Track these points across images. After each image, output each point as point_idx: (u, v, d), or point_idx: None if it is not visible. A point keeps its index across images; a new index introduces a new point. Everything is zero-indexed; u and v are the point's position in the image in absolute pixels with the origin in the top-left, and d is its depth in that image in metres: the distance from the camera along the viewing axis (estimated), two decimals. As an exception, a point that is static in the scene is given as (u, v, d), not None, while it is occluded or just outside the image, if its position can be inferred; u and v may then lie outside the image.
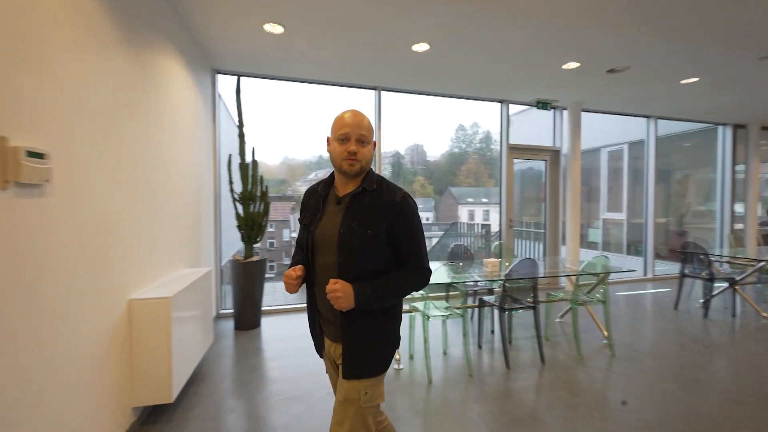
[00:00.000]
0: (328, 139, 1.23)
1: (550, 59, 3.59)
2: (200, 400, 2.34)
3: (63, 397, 1.42)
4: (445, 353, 3.08)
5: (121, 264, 1.88)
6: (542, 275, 3.11)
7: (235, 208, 3.70)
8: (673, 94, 4.72)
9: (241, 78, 3.87)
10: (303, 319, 3.95)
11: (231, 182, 3.69)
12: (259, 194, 3.75)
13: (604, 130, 7.83)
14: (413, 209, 1.21)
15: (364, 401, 1.17)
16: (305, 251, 1.25)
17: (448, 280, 2.89)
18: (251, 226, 3.68)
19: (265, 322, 3.86)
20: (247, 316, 3.63)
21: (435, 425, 2.10)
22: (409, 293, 1.22)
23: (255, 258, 3.68)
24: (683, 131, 7.06)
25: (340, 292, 1.09)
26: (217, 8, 2.68)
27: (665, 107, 5.43)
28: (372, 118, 4.51)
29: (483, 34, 3.05)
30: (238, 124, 3.69)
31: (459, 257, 3.87)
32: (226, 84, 4.16)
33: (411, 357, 3.00)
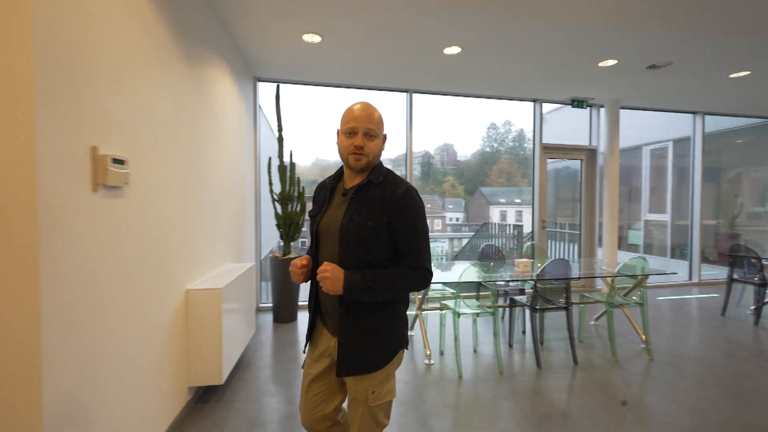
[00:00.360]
0: (338, 132, 1.21)
1: (585, 57, 3.53)
2: (245, 384, 2.54)
3: (132, 374, 1.64)
4: (475, 351, 3.13)
5: (179, 257, 2.10)
6: (575, 276, 3.08)
7: (275, 208, 3.92)
8: (721, 88, 4.47)
9: (280, 85, 4.09)
10: (336, 315, 4.12)
11: (270, 183, 3.92)
12: (296, 195, 3.95)
13: (646, 128, 7.48)
14: (416, 204, 1.16)
15: (372, 400, 1.15)
16: (311, 243, 1.26)
17: (478, 280, 2.94)
18: (289, 225, 3.89)
19: (302, 316, 4.06)
20: (285, 309, 3.85)
21: (466, 418, 2.17)
22: (404, 292, 1.18)
23: (292, 255, 3.89)
24: (736, 127, 6.62)
25: (328, 273, 1.07)
26: (260, 21, 2.89)
27: (713, 102, 5.14)
28: (403, 121, 4.61)
29: (515, 35, 3.07)
30: (277, 128, 3.91)
31: (490, 258, 3.89)
32: (265, 91, 4.42)
33: (441, 353, 3.08)
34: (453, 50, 3.38)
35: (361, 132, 1.14)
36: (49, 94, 1.14)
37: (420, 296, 3.29)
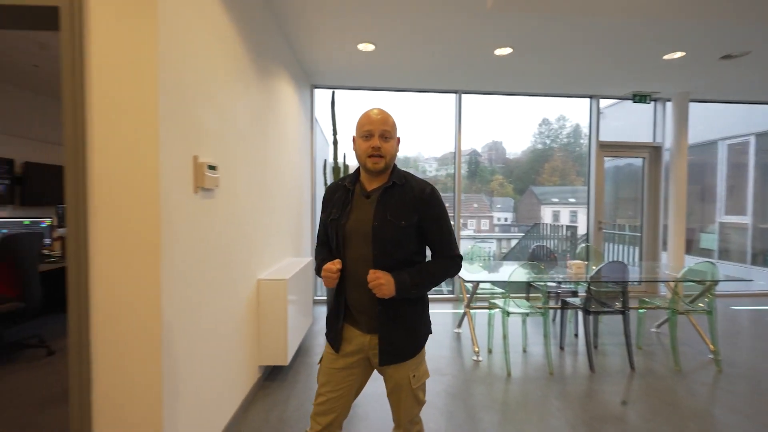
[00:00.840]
0: (354, 138, 1.27)
1: (648, 51, 3.36)
2: (305, 367, 2.79)
3: (217, 351, 1.91)
4: (524, 351, 3.13)
5: (252, 249, 2.38)
6: (634, 280, 2.97)
7: (329, 207, 4.18)
8: (814, 76, 3.99)
9: (335, 91, 4.35)
10: (386, 310, 4.30)
11: (326, 184, 4.19)
12: (349, 194, 4.18)
13: (723, 121, 6.81)
14: (441, 201, 1.26)
15: (414, 383, 1.25)
16: (335, 245, 1.25)
17: (528, 280, 2.94)
18: (342, 223, 4.13)
19: (353, 309, 4.30)
20: (338, 302, 4.09)
21: (514, 413, 2.22)
22: (443, 280, 1.25)
23: (345, 251, 4.13)
24: (834, 117, 5.82)
25: (383, 279, 1.12)
26: (320, 35, 3.12)
27: (805, 91, 4.59)
28: (451, 121, 4.66)
29: (570, 33, 3.02)
30: (332, 132, 4.17)
31: (540, 259, 3.84)
32: (320, 97, 4.70)
33: (490, 351, 3.12)
34: (504, 51, 3.39)
35: (377, 134, 1.20)
36: (167, 117, 1.41)
37: (468, 294, 3.35)
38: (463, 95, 4.63)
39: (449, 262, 1.26)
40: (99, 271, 1.37)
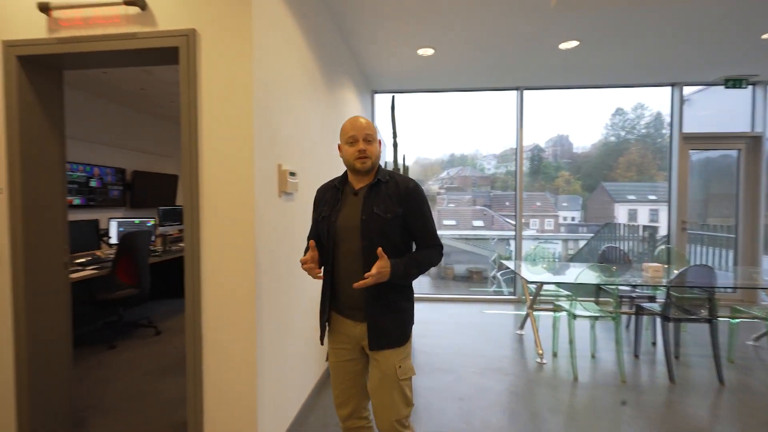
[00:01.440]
0: (339, 146, 1.38)
1: (742, 30, 3.02)
2: (370, 358, 2.97)
3: (295, 337, 2.14)
4: (593, 356, 3.00)
5: (323, 248, 2.60)
6: (726, 286, 2.70)
7: (389, 207, 4.34)
8: None
9: (395, 95, 4.50)
10: (443, 307, 4.36)
11: (386, 185, 4.35)
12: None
13: None
14: (423, 195, 1.34)
15: (400, 374, 1.28)
16: (327, 241, 1.34)
17: (597, 282, 2.82)
18: (402, 223, 4.27)
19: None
20: (398, 299, 4.24)
21: (581, 417, 2.17)
22: (429, 268, 1.34)
23: (405, 250, 4.26)
24: None
25: (384, 269, 1.19)
26: (381, 44, 3.28)
27: None
28: (513, 117, 4.56)
29: (645, 19, 2.83)
30: (392, 135, 4.32)
31: (612, 261, 3.62)
32: (379, 101, 4.89)
33: (555, 354, 3.04)
34: (570, 45, 3.27)
35: (361, 138, 1.31)
36: (258, 132, 1.64)
37: (531, 296, 3.29)
38: (525, 91, 4.51)
39: (433, 251, 1.34)
40: (208, 263, 1.64)
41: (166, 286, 4.59)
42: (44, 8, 1.63)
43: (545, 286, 3.64)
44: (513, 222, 4.78)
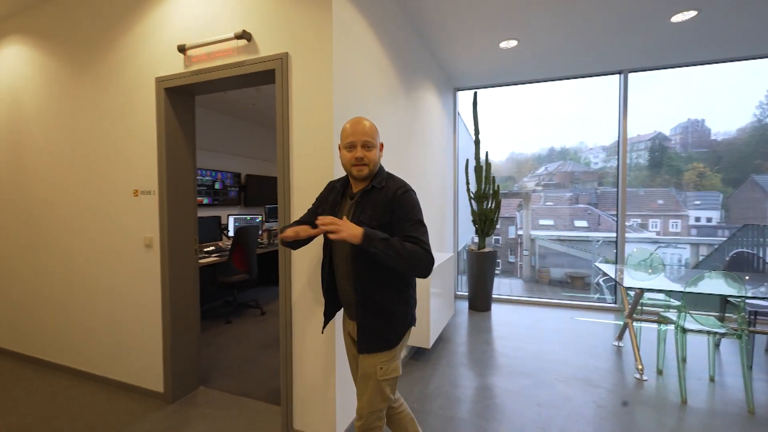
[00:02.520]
0: (339, 147, 1.37)
1: None
2: (446, 353, 3.01)
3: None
4: (712, 380, 2.55)
5: (400, 243, 2.74)
6: None
7: (471, 205, 4.29)
8: None
9: (477, 91, 4.41)
10: (530, 310, 4.13)
11: (467, 183, 4.31)
12: (491, 193, 4.20)
13: None
14: (413, 200, 1.29)
15: (380, 375, 1.30)
16: (325, 242, 1.41)
17: (716, 292, 2.39)
18: (484, 221, 4.17)
19: (495, 307, 4.29)
20: (480, 299, 4.16)
21: (685, 445, 1.89)
22: (410, 262, 1.17)
23: (487, 249, 4.16)
24: None
25: (342, 224, 1.15)
26: (461, 41, 3.28)
27: None
28: (615, 104, 4.08)
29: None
30: (474, 132, 4.26)
31: (744, 269, 3.00)
32: (463, 98, 4.84)
33: (659, 372, 2.67)
34: (685, 15, 2.82)
35: (359, 144, 1.30)
36: (338, 137, 1.84)
37: (630, 304, 2.93)
38: (630, 74, 3.99)
39: (421, 250, 1.21)
40: (296, 256, 1.91)
41: (271, 274, 5.28)
42: (182, 49, 2.08)
43: (653, 295, 3.21)
44: (627, 222, 4.27)
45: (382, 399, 1.33)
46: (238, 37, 1.92)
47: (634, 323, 2.94)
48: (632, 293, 2.93)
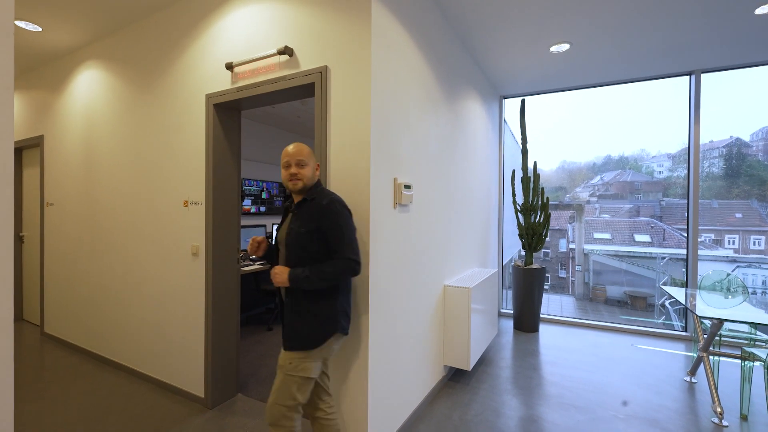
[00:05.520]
0: (281, 166, 1.57)
1: None
2: (488, 377, 2.82)
3: (411, 344, 2.21)
4: (815, 433, 2.13)
5: (440, 257, 2.62)
6: None
7: (517, 218, 4.06)
8: None
9: (525, 99, 4.20)
10: (584, 334, 3.78)
11: (514, 194, 4.09)
12: (539, 205, 3.94)
13: None
14: (337, 210, 1.49)
15: (288, 369, 1.43)
16: (276, 249, 1.63)
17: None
18: (531, 235, 3.92)
19: (543, 328, 3.98)
20: (526, 318, 3.89)
21: None
22: (336, 279, 1.45)
23: (535, 266, 3.89)
24: None
25: (277, 272, 1.44)
26: (508, 47, 3.14)
27: None
28: (682, 108, 3.67)
29: None
30: (521, 141, 4.04)
31: None
32: (509, 106, 4.63)
33: (744, 418, 2.28)
34: (772, 6, 2.47)
35: (293, 163, 1.52)
36: (376, 149, 1.80)
37: (705, 335, 2.56)
38: (703, 75, 3.58)
39: (341, 262, 1.44)
40: (331, 267, 1.87)
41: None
42: (229, 66, 2.17)
43: (733, 326, 2.80)
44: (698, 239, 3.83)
45: (288, 396, 1.43)
46: (280, 52, 1.96)
47: (711, 358, 2.56)
48: (708, 322, 2.57)
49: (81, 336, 3.22)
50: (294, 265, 1.48)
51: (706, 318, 2.26)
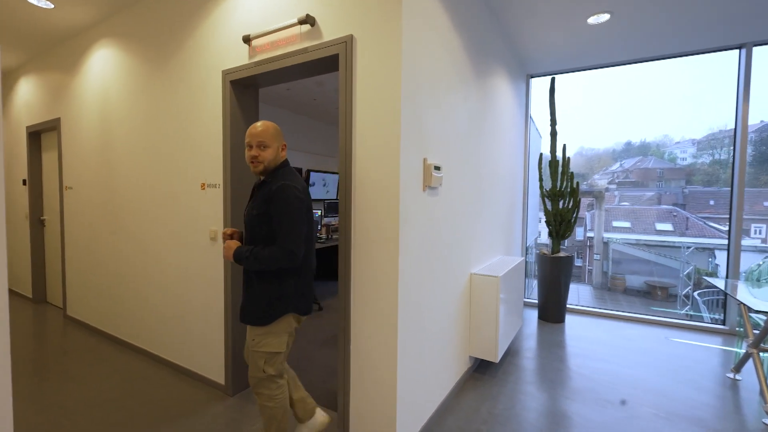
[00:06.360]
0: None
1: None
2: (516, 369, 2.70)
3: (437, 331, 2.10)
4: None
5: (467, 244, 2.49)
6: None
7: (544, 204, 3.87)
8: None
9: (555, 77, 3.95)
10: (613, 325, 3.61)
11: (541, 179, 3.89)
12: (568, 190, 3.74)
13: None
14: (284, 197, 1.44)
15: (252, 345, 1.52)
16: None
17: None
18: (560, 222, 3.73)
19: (570, 319, 3.83)
20: (552, 309, 3.74)
21: None
22: (271, 265, 1.43)
23: (562, 254, 3.72)
24: None
25: (227, 245, 1.51)
26: (541, 18, 2.90)
27: None
28: (732, 83, 3.39)
29: None
30: (550, 122, 3.82)
31: None
32: (535, 87, 4.38)
33: (798, 419, 2.12)
34: None
35: (254, 144, 1.50)
36: (406, 128, 1.65)
37: (755, 330, 2.38)
38: (755, 48, 3.28)
39: (278, 250, 1.42)
40: (357, 251, 1.76)
41: (330, 269, 5.30)
42: (246, 39, 2.04)
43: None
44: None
45: (257, 369, 1.53)
46: (301, 22, 1.81)
47: (762, 354, 2.38)
48: (759, 318, 2.38)
49: (101, 319, 3.22)
50: (248, 242, 1.54)
51: (762, 312, 2.08)
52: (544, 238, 4.41)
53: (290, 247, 1.42)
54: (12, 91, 4.28)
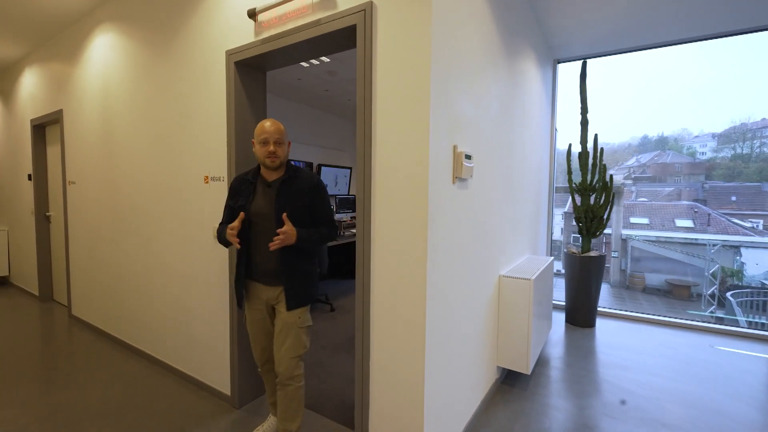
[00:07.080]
0: (253, 142, 1.60)
1: None
2: (548, 381, 2.45)
3: (463, 336, 1.87)
4: None
5: (495, 243, 2.24)
6: None
7: (573, 200, 3.58)
8: None
9: (586, 60, 3.65)
10: (648, 331, 3.33)
11: (570, 172, 3.61)
12: (600, 185, 3.45)
13: None
14: (325, 188, 1.67)
15: (299, 323, 1.59)
16: (245, 224, 1.58)
17: None
18: (591, 219, 3.45)
19: (601, 323, 3.55)
20: (581, 312, 3.47)
21: None
22: (326, 241, 1.62)
23: (593, 253, 3.44)
24: None
25: (287, 232, 1.48)
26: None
27: None
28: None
29: None
30: (581, 111, 3.53)
31: None
32: (561, 73, 4.08)
33: None
34: None
35: (272, 141, 1.55)
36: (435, 112, 1.42)
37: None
38: (816, 25, 2.93)
39: (328, 228, 1.63)
40: (378, 249, 1.54)
41: (341, 267, 5.10)
42: (252, 14, 1.82)
43: None
44: (745, 224, 3.26)
45: (301, 345, 1.60)
46: (313, -10, 1.59)
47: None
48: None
49: (105, 320, 3.07)
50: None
51: None
52: (557, 235, 4.14)
53: (336, 226, 1.69)
54: (17, 83, 4.16)
